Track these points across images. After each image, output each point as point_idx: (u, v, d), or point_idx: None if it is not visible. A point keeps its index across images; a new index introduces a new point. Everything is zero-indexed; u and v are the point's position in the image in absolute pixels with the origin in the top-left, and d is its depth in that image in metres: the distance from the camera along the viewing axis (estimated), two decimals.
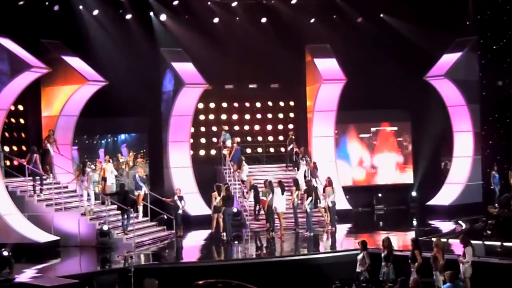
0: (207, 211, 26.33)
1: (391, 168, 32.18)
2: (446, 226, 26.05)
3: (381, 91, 29.20)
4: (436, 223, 27.00)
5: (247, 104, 31.96)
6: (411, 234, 23.32)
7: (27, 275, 18.70)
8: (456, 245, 19.25)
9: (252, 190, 26.10)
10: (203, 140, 31.19)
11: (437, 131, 31.07)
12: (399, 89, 29.44)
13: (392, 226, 26.62)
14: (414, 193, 31.39)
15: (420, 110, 30.97)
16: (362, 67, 29.10)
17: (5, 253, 17.64)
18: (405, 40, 29.18)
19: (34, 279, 17.88)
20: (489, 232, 23.54)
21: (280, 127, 32.18)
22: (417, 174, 31.93)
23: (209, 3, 28.88)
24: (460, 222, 25.87)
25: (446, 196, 29.84)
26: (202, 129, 31.20)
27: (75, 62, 26.17)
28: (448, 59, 29.64)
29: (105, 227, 22.80)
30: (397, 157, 32.30)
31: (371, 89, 29.08)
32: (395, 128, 32.30)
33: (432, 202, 30.01)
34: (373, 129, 32.16)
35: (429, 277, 16.77)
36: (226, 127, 29.90)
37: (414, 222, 28.53)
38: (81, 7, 27.12)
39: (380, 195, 31.32)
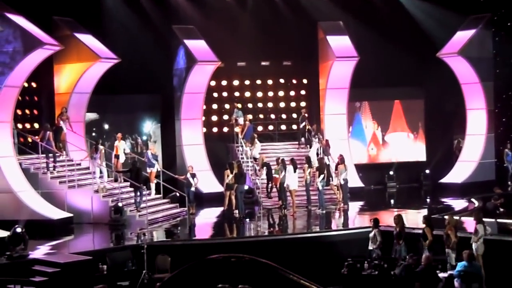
0: (219, 188, 26.39)
1: (403, 145, 32.08)
2: (458, 204, 25.97)
3: (394, 68, 29.11)
4: (448, 200, 26.96)
5: (259, 82, 31.88)
6: (424, 212, 23.28)
7: (41, 251, 18.83)
8: (468, 222, 19.26)
9: (265, 168, 26.09)
10: (215, 118, 31.17)
11: (450, 109, 30.96)
12: (412, 67, 29.38)
13: (404, 203, 26.59)
14: (427, 171, 31.31)
15: (433, 88, 30.83)
16: (375, 44, 28.98)
17: (19, 230, 17.73)
18: (418, 17, 29.00)
19: (48, 256, 18.00)
20: (502, 210, 23.46)
21: (293, 104, 32.11)
22: (429, 151, 31.85)
23: None
24: (472, 200, 25.80)
25: (459, 174, 29.78)
26: (214, 106, 31.17)
27: (87, 39, 26.16)
28: (462, 36, 29.45)
29: (120, 204, 22.90)
30: (410, 135, 32.21)
31: (384, 67, 28.97)
32: (408, 105, 32.17)
33: (445, 180, 29.96)
34: (385, 106, 32.03)
35: (442, 254, 16.79)
36: (238, 105, 29.87)
37: (427, 200, 28.52)
38: None
39: (392, 173, 31.27)
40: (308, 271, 9.52)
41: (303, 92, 32.33)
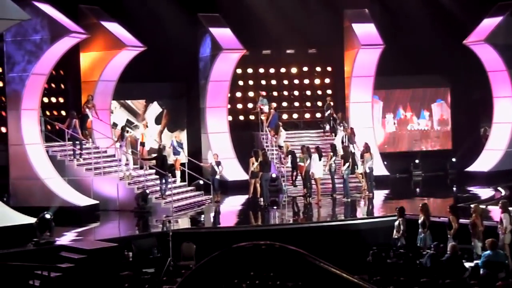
0: (244, 176, 26.41)
1: (429, 133, 31.96)
2: (485, 192, 25.83)
3: (420, 56, 28.94)
4: (475, 189, 26.81)
5: (284, 70, 31.83)
6: (449, 201, 23.19)
7: (67, 238, 19.01)
8: (495, 211, 19.15)
9: (290, 156, 26.09)
10: (240, 106, 31.18)
11: (477, 97, 30.74)
12: (438, 54, 29.18)
13: (430, 192, 26.50)
14: (453, 160, 31.14)
15: (460, 76, 30.64)
16: (400, 32, 28.82)
17: (48, 216, 17.90)
18: (444, 4, 28.78)
19: (74, 242, 18.17)
20: None
21: (318, 92, 32.03)
22: (456, 140, 31.67)
23: None
24: (499, 188, 25.64)
25: (485, 162, 29.55)
26: (239, 94, 31.16)
27: (113, 27, 26.25)
28: (489, 23, 29.17)
29: (147, 191, 23.03)
30: (436, 123, 32.07)
31: (410, 55, 28.77)
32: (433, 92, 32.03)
33: (471, 168, 29.75)
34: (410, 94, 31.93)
35: (468, 243, 16.72)
36: (263, 93, 29.86)
37: (453, 189, 28.38)
38: None
39: (417, 161, 31.14)
40: (333, 259, 9.50)
41: (328, 80, 32.22)
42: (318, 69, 32.05)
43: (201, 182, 25.08)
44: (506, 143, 29.49)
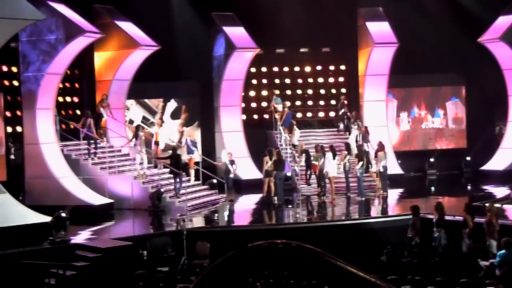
0: (258, 175, 26.42)
1: (444, 132, 31.86)
2: (500, 191, 25.71)
3: (435, 54, 28.85)
4: (490, 188, 26.69)
5: (298, 68, 31.79)
6: (464, 200, 23.10)
7: (82, 236, 19.08)
8: (510, 210, 19.08)
9: (304, 155, 26.08)
10: (254, 105, 31.18)
11: (492, 95, 30.61)
12: (452, 53, 29.07)
13: (444, 191, 26.43)
14: (467, 158, 31.02)
15: (475, 74, 30.50)
16: (415, 30, 28.76)
17: (63, 215, 17.97)
18: (459, 2, 28.68)
19: (89, 241, 18.24)
20: None
21: (332, 91, 31.96)
22: (470, 138, 31.55)
23: None
24: None
25: (500, 161, 29.39)
26: (253, 93, 31.15)
27: (127, 26, 26.31)
28: (504, 21, 29.00)
29: (162, 190, 23.08)
30: (451, 121, 31.95)
31: (424, 53, 28.74)
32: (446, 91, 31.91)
33: (486, 167, 29.60)
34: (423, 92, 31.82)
35: (483, 243, 16.65)
36: (277, 91, 29.85)
37: (467, 187, 28.28)
38: None
39: (432, 159, 31.04)
40: (347, 258, 9.49)
41: (342, 78, 32.16)
42: (332, 67, 31.99)
43: (215, 181, 25.10)
44: None
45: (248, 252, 4.85)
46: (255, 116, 30.98)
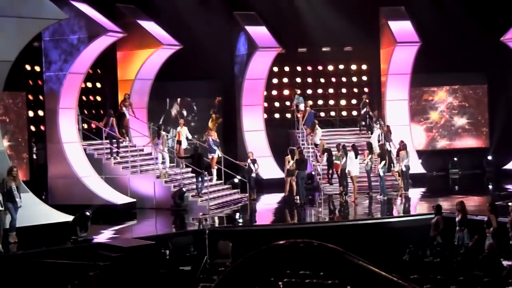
0: (280, 174, 26.43)
1: (467, 131, 31.68)
2: None
3: (457, 53, 28.71)
4: None
5: (320, 67, 31.75)
6: (487, 199, 22.96)
7: (105, 236, 19.17)
8: None
9: (325, 154, 26.02)
10: (276, 104, 31.17)
11: None
12: (475, 51, 28.94)
13: (467, 190, 26.27)
14: (490, 157, 30.85)
15: (497, 73, 30.34)
16: (437, 29, 28.58)
17: (87, 214, 18.06)
18: (481, 1, 28.53)
19: (111, 240, 18.30)
20: None
21: (354, 90, 31.89)
22: (493, 137, 31.36)
23: None
24: None
25: None
26: (274, 92, 31.15)
27: (150, 26, 26.41)
28: None
29: (184, 189, 23.13)
30: (474, 121, 31.76)
31: (447, 52, 28.60)
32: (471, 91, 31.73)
33: (509, 166, 29.44)
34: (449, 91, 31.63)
35: (506, 242, 16.55)
36: (299, 91, 29.83)
37: (490, 187, 28.13)
38: None
39: (455, 159, 30.88)
40: (370, 257, 9.48)
41: (364, 77, 32.08)
42: (354, 67, 31.91)
43: (237, 180, 25.12)
44: None
45: (269, 251, 4.84)
46: (277, 115, 31.00)
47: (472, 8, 28.74)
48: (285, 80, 31.35)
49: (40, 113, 24.20)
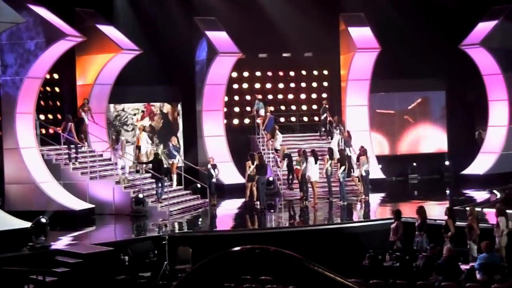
0: (240, 179, 26.42)
1: (425, 137, 31.96)
2: (480, 195, 25.86)
3: (416, 60, 28.96)
4: (470, 192, 26.83)
5: (281, 73, 31.81)
6: (445, 204, 23.16)
7: (63, 242, 18.96)
8: (491, 214, 19.14)
9: (286, 159, 26.09)
10: (236, 109, 31.16)
11: (472, 100, 30.76)
12: (433, 58, 29.26)
13: (426, 195, 26.51)
14: (447, 163, 31.16)
15: (455, 79, 30.68)
16: (396, 36, 28.84)
17: (43, 220, 17.84)
18: (440, 8, 28.86)
19: (70, 246, 18.12)
20: None
21: (314, 96, 32.00)
22: (451, 143, 31.69)
23: None
24: (494, 191, 25.64)
25: (480, 165, 29.61)
26: (236, 98, 31.16)
27: (109, 30, 26.22)
28: (484, 27, 29.23)
29: (141, 195, 22.97)
30: (431, 126, 32.05)
31: (406, 58, 28.81)
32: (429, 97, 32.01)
33: (467, 171, 29.79)
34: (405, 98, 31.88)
35: (463, 246, 16.72)
36: (259, 96, 29.84)
37: (448, 192, 28.40)
38: None
39: (414, 164, 31.13)
40: (329, 262, 9.53)
41: (324, 83, 32.21)
42: (315, 72, 32.02)
43: (199, 185, 25.04)
44: (501, 146, 29.56)
45: (225, 257, 4.82)
46: (237, 121, 30.98)
47: (431, 15, 29.05)
48: (245, 85, 31.35)
49: None
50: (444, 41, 29.12)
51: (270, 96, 31.32)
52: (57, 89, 27.36)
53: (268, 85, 31.63)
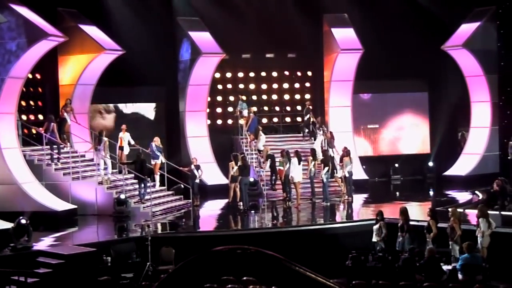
0: (223, 180, 26.40)
1: (407, 138, 32.07)
2: (462, 196, 25.96)
3: (399, 61, 29.05)
4: (452, 193, 26.94)
5: (264, 74, 31.82)
6: (428, 205, 23.24)
7: (45, 243, 18.87)
8: (472, 215, 19.23)
9: (269, 160, 26.10)
10: (219, 110, 31.14)
11: (455, 101, 30.90)
12: (416, 59, 29.32)
13: (408, 196, 26.57)
14: (430, 164, 31.28)
15: (438, 80, 30.81)
16: (379, 37, 28.89)
17: (23, 221, 17.74)
18: (423, 10, 28.97)
19: (52, 247, 18.03)
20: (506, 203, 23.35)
21: (297, 96, 32.05)
22: (434, 144, 31.81)
23: None
24: (477, 192, 25.75)
25: (463, 166, 29.75)
26: (219, 98, 31.16)
27: (92, 31, 26.12)
28: (466, 29, 29.38)
29: (122, 196, 22.90)
30: (414, 127, 32.15)
31: (389, 59, 28.90)
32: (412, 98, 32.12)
33: (449, 172, 29.93)
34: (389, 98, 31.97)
35: (445, 247, 16.79)
36: (243, 97, 29.84)
37: (431, 192, 28.51)
38: None
39: (396, 165, 31.23)
40: (312, 263, 9.56)
41: (307, 84, 32.27)
42: (298, 73, 32.06)
43: (182, 186, 24.99)
44: (483, 147, 29.72)
45: (206, 257, 4.81)
46: (220, 122, 30.96)
47: (414, 17, 29.14)
48: (229, 86, 31.33)
49: None
50: (427, 42, 29.24)
51: (253, 97, 31.31)
52: (39, 89, 27.22)
53: (252, 86, 31.65)
